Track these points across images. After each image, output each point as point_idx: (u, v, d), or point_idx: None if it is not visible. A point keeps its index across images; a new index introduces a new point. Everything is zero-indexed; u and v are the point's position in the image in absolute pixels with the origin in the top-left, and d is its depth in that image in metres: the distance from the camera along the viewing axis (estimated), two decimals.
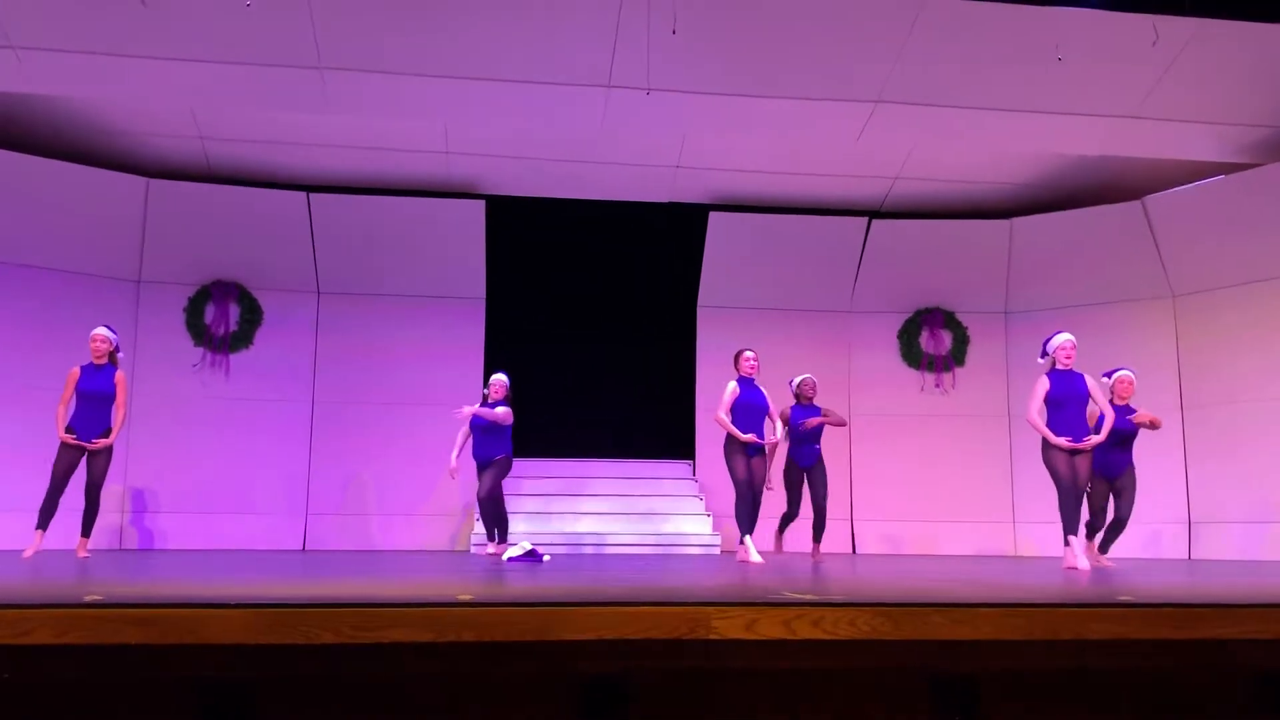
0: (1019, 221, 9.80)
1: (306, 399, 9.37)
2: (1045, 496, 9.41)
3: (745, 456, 6.67)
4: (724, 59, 7.27)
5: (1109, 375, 6.79)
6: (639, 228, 9.85)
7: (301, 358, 9.40)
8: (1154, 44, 6.83)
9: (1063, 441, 5.99)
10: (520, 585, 3.66)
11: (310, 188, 9.29)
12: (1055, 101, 7.70)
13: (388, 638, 2.33)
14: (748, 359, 6.89)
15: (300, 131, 8.59)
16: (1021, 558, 8.87)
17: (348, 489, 9.18)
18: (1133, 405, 6.73)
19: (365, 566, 5.30)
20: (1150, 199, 9.12)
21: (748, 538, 6.44)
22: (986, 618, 2.47)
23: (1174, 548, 8.74)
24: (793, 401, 7.53)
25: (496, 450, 7.35)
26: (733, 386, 6.75)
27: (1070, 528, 5.90)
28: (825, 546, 9.41)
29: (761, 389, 6.88)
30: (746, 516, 6.52)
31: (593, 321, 9.78)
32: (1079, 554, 5.89)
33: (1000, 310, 10.15)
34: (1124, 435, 6.56)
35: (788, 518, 7.50)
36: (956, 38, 7.17)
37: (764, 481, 6.84)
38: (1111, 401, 6.52)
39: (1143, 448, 8.79)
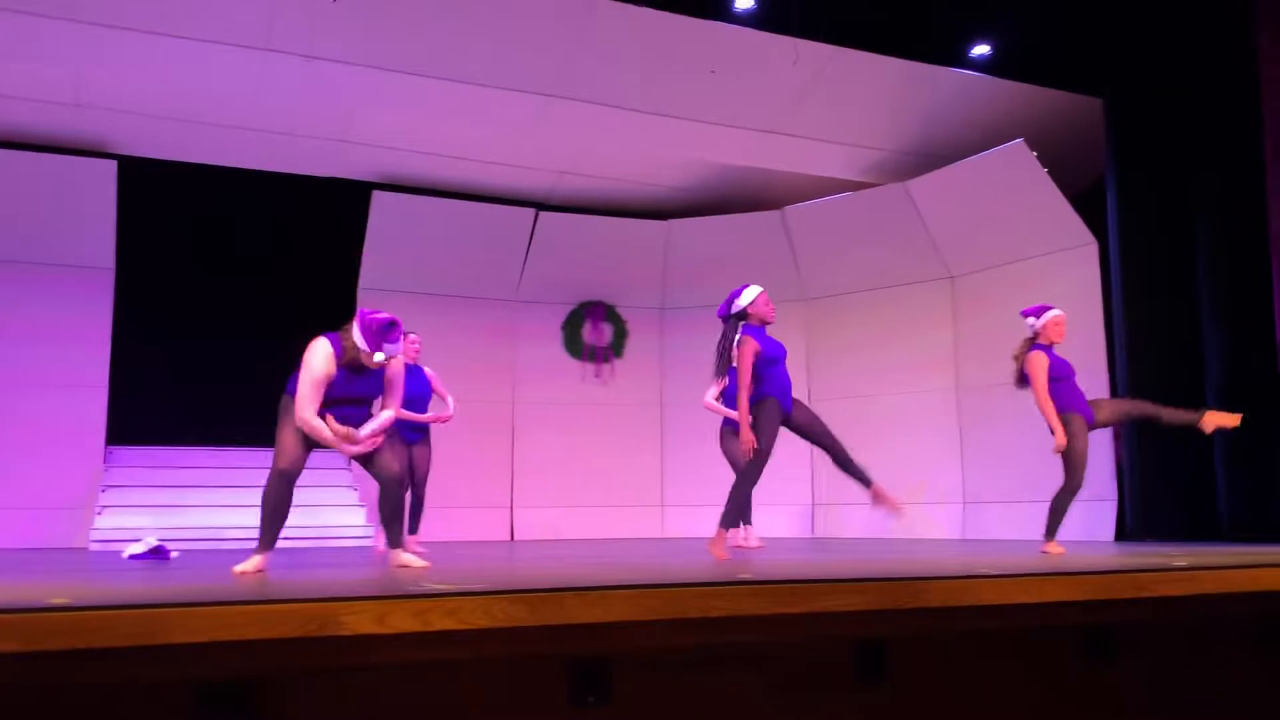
0: (675, 223, 10.32)
1: None
2: (692, 481, 10.06)
3: (405, 444, 6.30)
4: (391, 35, 7.04)
5: None
6: (297, 202, 9.33)
7: None
8: (794, 64, 7.41)
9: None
10: (131, 585, 3.34)
11: None
12: (708, 111, 8.16)
13: None
14: (412, 341, 6.68)
15: None
16: (669, 539, 9.36)
17: None
18: None
19: None
20: (789, 209, 9.93)
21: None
22: (619, 599, 2.54)
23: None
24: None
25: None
26: None
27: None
28: (482, 533, 9.49)
29: (425, 370, 6.69)
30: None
31: (241, 299, 9.12)
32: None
33: (657, 306, 10.64)
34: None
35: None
36: (621, 41, 7.39)
37: (427, 469, 6.62)
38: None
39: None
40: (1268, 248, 6.44)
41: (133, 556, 5.56)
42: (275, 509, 4.10)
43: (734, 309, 5.09)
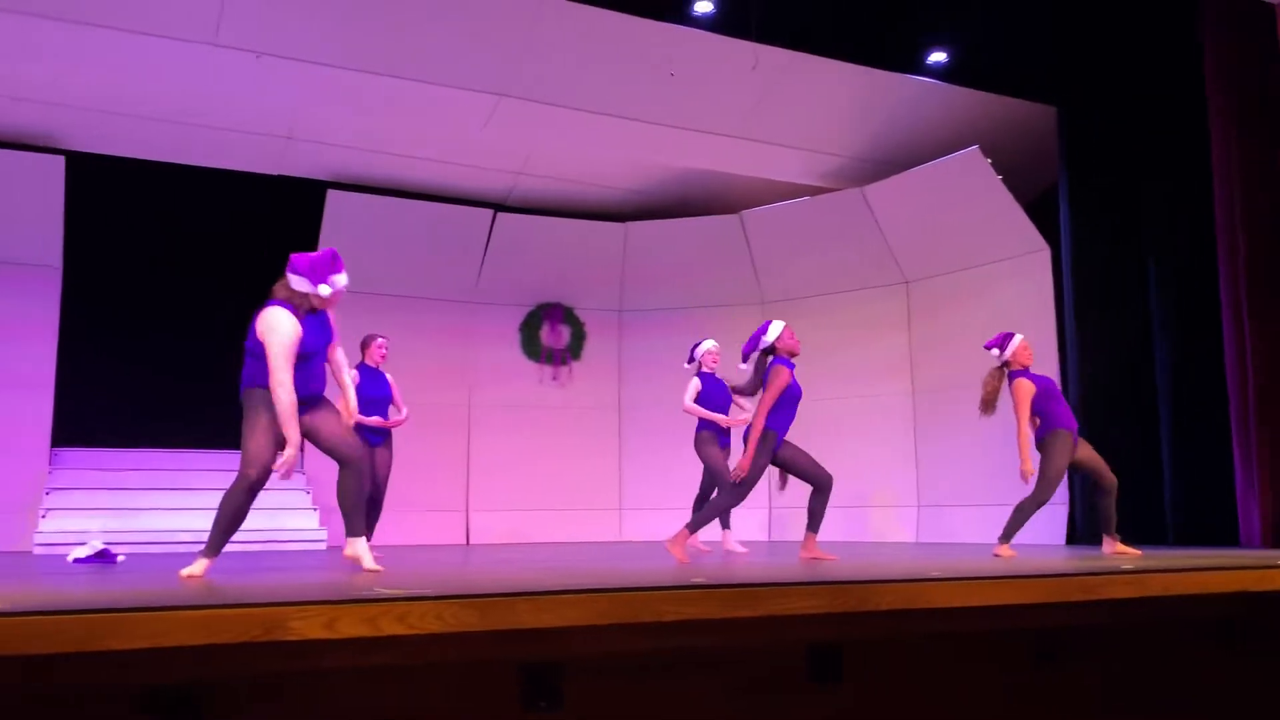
0: (633, 225, 10.31)
1: None
2: (649, 484, 10.06)
3: (368, 447, 6.25)
4: (344, 31, 6.96)
5: None
6: (250, 200, 9.19)
7: None
8: (753, 69, 7.43)
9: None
10: (76, 590, 3.26)
11: None
12: (667, 114, 8.15)
13: None
14: (379, 345, 6.62)
15: None
16: (626, 542, 9.35)
17: None
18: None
19: None
20: (747, 213, 9.96)
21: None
22: (571, 604, 2.52)
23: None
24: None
25: None
26: (353, 375, 6.40)
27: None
28: (437, 537, 9.41)
29: (387, 376, 6.64)
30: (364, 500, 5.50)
31: (192, 299, 8.96)
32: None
33: (615, 308, 10.63)
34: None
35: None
36: (577, 41, 7.36)
37: (387, 473, 6.59)
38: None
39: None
40: (1216, 258, 6.57)
41: (78, 560, 5.45)
42: (234, 517, 4.00)
43: (762, 344, 5.36)
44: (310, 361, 4.14)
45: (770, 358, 5.34)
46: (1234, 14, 6.51)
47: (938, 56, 7.98)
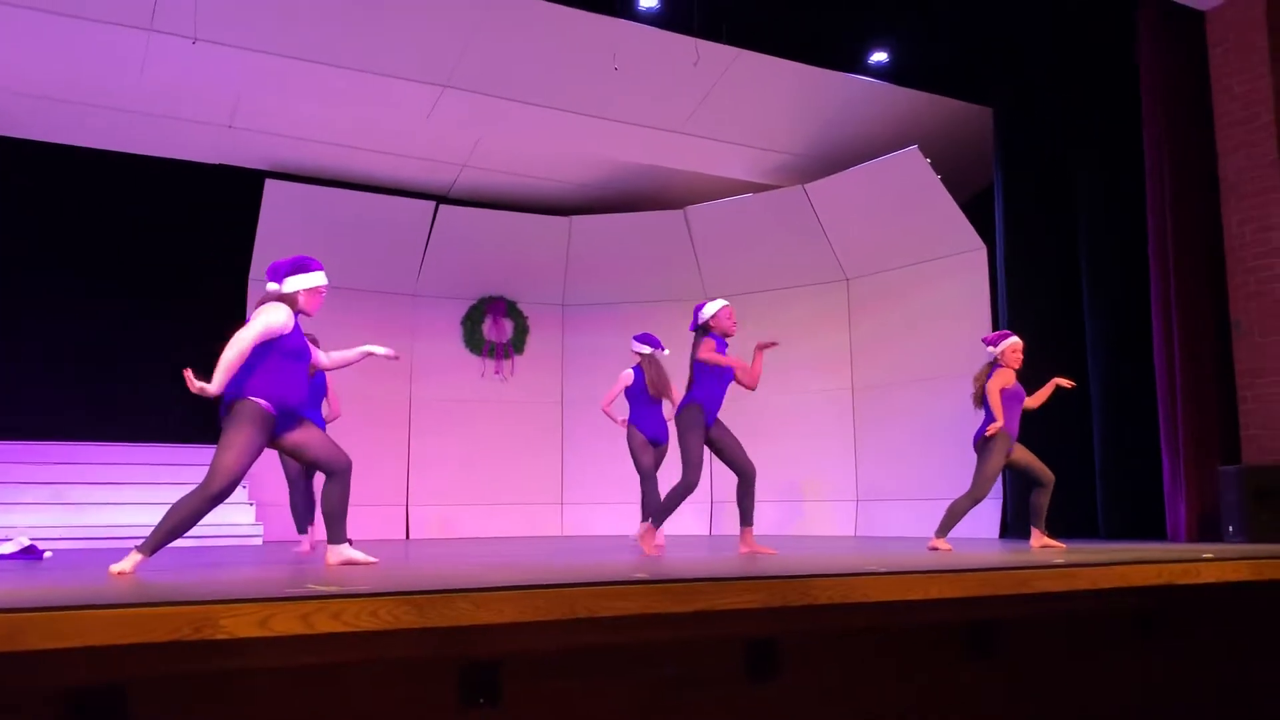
0: (577, 220, 10.29)
1: None
2: (591, 479, 10.04)
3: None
4: (285, 19, 6.84)
5: None
6: (184, 188, 8.99)
7: None
8: (695, 65, 7.44)
9: None
10: None
11: None
12: (611, 109, 8.15)
13: None
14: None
15: None
16: (567, 537, 9.33)
17: None
18: None
19: None
20: (691, 209, 9.99)
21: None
22: (508, 600, 2.51)
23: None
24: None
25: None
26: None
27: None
28: (376, 532, 9.31)
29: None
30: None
31: (124, 288, 8.76)
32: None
33: (558, 302, 10.60)
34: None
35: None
36: (522, 33, 7.32)
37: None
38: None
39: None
40: (1147, 259, 6.71)
41: (2, 557, 5.30)
42: (183, 524, 3.89)
43: (699, 320, 5.36)
44: (295, 366, 4.14)
45: (703, 335, 5.33)
46: (1168, 21, 6.66)
47: (879, 56, 8.07)
